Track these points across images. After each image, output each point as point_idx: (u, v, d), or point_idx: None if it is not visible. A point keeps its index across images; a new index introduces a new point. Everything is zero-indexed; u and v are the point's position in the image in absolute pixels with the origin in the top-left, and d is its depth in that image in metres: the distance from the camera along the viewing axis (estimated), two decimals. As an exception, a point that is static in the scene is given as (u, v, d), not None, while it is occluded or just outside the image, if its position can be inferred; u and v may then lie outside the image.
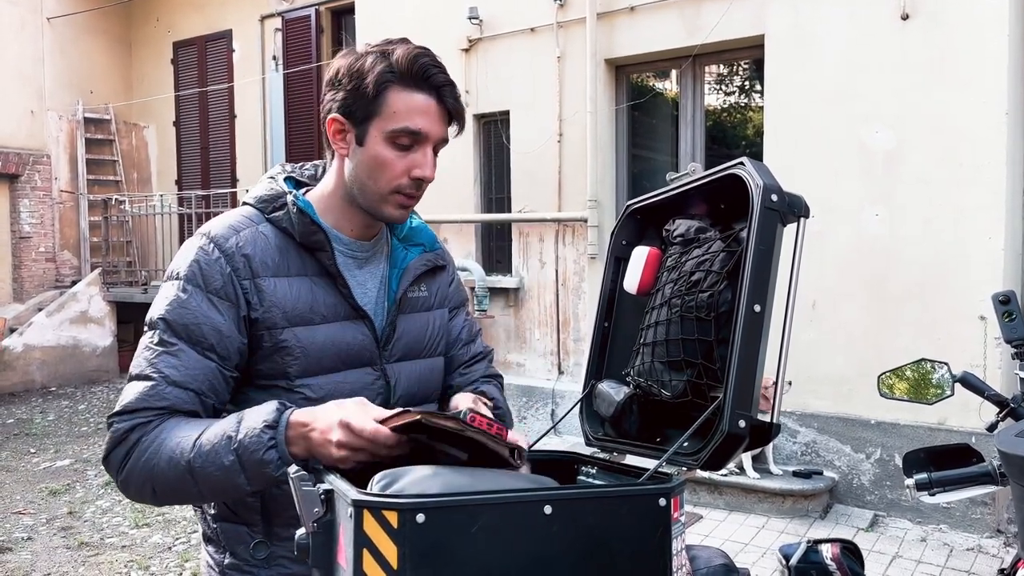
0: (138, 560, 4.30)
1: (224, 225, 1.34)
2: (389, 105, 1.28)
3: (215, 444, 1.17)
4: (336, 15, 9.04)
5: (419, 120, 1.28)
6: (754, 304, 1.10)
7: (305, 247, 1.35)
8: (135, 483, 1.23)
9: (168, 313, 1.28)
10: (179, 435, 1.20)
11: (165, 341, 1.27)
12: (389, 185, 1.32)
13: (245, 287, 1.30)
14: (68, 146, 10.21)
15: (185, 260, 1.31)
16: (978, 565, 4.06)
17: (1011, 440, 1.40)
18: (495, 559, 0.93)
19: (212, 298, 1.28)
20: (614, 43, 5.78)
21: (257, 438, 1.15)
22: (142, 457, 1.21)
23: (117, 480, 1.26)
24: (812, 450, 4.98)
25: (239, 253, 1.30)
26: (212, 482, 1.18)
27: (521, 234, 6.36)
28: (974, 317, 4.39)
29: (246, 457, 1.15)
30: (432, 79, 1.29)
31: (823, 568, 1.44)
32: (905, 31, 4.60)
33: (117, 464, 1.24)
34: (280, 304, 1.31)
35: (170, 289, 1.30)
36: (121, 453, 1.23)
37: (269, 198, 1.38)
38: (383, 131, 1.29)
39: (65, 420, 7.72)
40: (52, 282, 10.12)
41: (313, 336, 1.32)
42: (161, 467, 1.19)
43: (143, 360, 1.28)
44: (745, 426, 1.07)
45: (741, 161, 1.19)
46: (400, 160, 1.30)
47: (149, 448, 1.21)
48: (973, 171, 4.42)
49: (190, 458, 1.17)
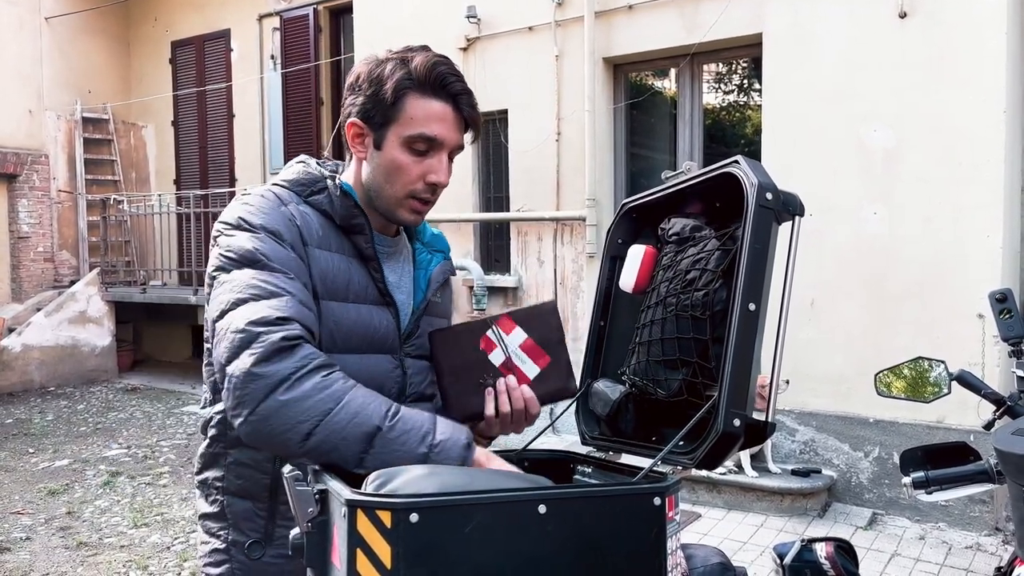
0: (137, 560, 4.30)
1: (271, 195, 1.35)
2: (407, 111, 1.31)
3: (410, 430, 1.14)
4: (334, 14, 9.03)
5: (436, 127, 1.32)
6: (749, 303, 1.10)
7: (344, 229, 1.37)
8: (296, 414, 1.10)
9: (267, 251, 1.25)
10: (368, 396, 1.16)
11: (276, 269, 1.24)
12: (405, 189, 1.35)
13: (301, 252, 1.31)
14: (66, 146, 10.20)
15: (253, 214, 1.30)
16: (976, 563, 4.06)
17: (1008, 438, 1.40)
18: (489, 559, 0.93)
19: (290, 250, 1.29)
20: (612, 42, 5.78)
21: (455, 449, 1.15)
22: (321, 392, 1.12)
23: (276, 397, 1.10)
24: (811, 448, 4.98)
25: (292, 220, 1.32)
26: (386, 456, 1.12)
27: (519, 233, 6.36)
28: (972, 315, 4.39)
29: (438, 457, 1.14)
30: (449, 87, 1.32)
31: (817, 567, 1.44)
32: (904, 30, 4.60)
33: (280, 378, 1.11)
34: (322, 275, 1.32)
35: (251, 235, 1.27)
36: (289, 367, 1.12)
37: (307, 181, 1.40)
38: (400, 136, 1.32)
39: (64, 420, 7.72)
40: (51, 282, 10.12)
41: (346, 312, 1.34)
42: (342, 416, 1.11)
43: (260, 282, 1.20)
44: (740, 425, 1.07)
45: (736, 159, 1.19)
46: (416, 165, 1.33)
47: (332, 388, 1.13)
48: (972, 170, 4.42)
49: (383, 425, 1.13)
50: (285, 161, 9.81)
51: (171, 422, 7.53)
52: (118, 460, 6.28)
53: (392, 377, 1.41)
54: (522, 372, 1.37)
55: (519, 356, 1.38)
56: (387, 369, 1.41)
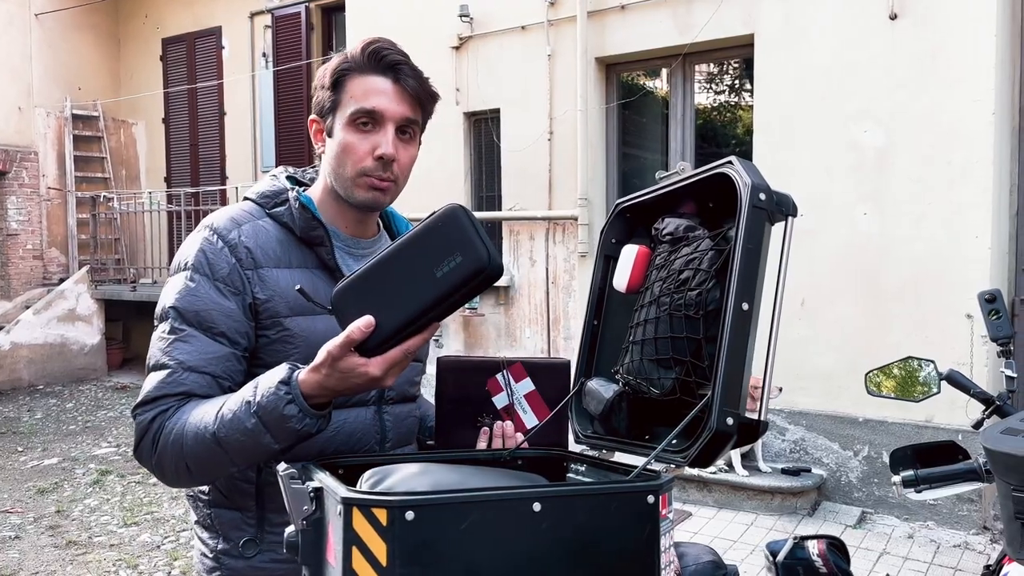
0: (126, 559, 4.29)
1: (226, 218, 1.39)
2: (348, 92, 1.35)
3: (236, 411, 1.19)
4: (326, 12, 9.01)
5: (374, 99, 1.34)
6: (742, 302, 1.10)
7: (305, 242, 1.40)
8: (169, 466, 1.26)
9: (177, 302, 1.31)
10: (200, 412, 1.24)
11: (176, 328, 1.31)
12: (355, 168, 1.36)
13: (249, 277, 1.34)
14: (56, 143, 10.14)
15: (191, 251, 1.36)
16: (964, 561, 4.09)
17: (996, 437, 1.41)
18: (484, 556, 0.93)
19: (219, 285, 1.32)
20: (605, 41, 5.79)
21: (274, 395, 1.16)
22: (169, 439, 1.24)
23: (152, 467, 1.29)
24: (801, 447, 5.01)
25: (242, 245, 1.35)
26: (239, 447, 1.19)
27: (512, 232, 6.36)
28: (961, 315, 4.42)
29: (267, 416, 1.16)
30: (384, 60, 1.34)
31: (810, 564, 1.45)
32: (895, 31, 4.62)
33: (147, 453, 1.27)
34: (282, 294, 1.35)
35: (178, 280, 1.34)
36: (148, 441, 1.27)
37: (271, 194, 1.43)
38: (345, 117, 1.35)
39: (53, 418, 7.68)
40: (40, 280, 10.06)
41: (314, 326, 1.35)
42: (189, 444, 1.22)
43: (157, 350, 1.31)
44: (733, 423, 1.08)
45: (730, 160, 1.20)
46: (362, 142, 1.35)
47: (174, 430, 1.24)
48: (962, 170, 4.45)
49: (214, 430, 1.20)
50: (277, 159, 9.78)
51: (161, 421, 7.50)
52: (108, 459, 6.25)
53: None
54: (521, 421, 1.40)
55: (522, 405, 1.40)
56: None
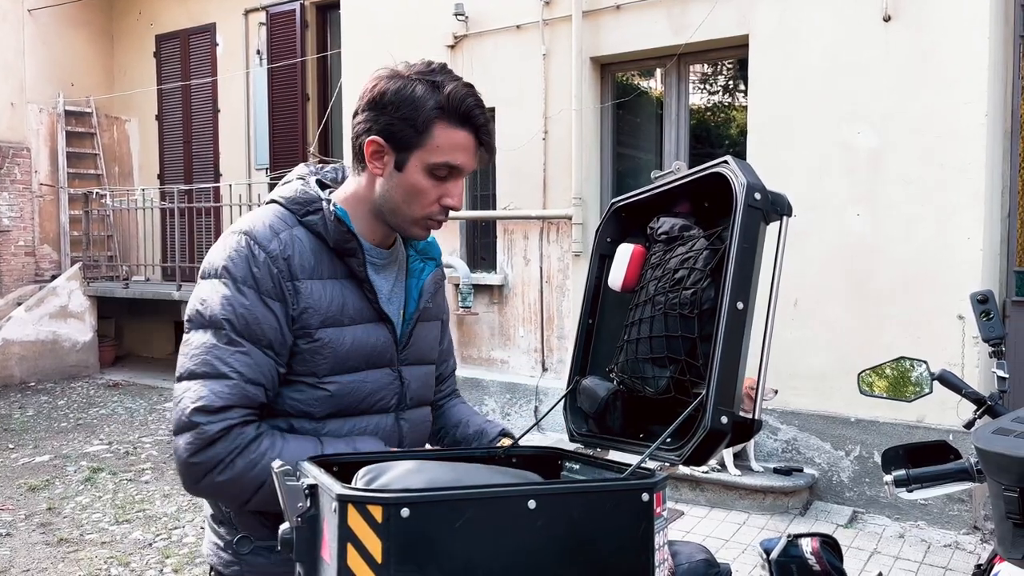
0: (118, 556, 4.27)
1: (264, 225, 1.38)
2: (434, 139, 1.33)
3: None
4: (321, 10, 8.99)
5: (460, 156, 1.36)
6: (737, 301, 1.11)
7: (337, 252, 1.41)
8: (237, 486, 1.27)
9: (231, 313, 1.32)
10: (295, 454, 1.24)
11: (234, 340, 1.31)
12: (422, 211, 1.40)
13: (287, 288, 1.35)
14: (48, 139, 10.10)
15: (234, 261, 1.34)
16: (955, 561, 4.11)
17: (988, 437, 1.42)
18: (479, 553, 0.93)
19: (265, 299, 1.33)
20: (600, 41, 5.79)
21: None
22: (253, 469, 1.27)
23: (211, 479, 1.27)
24: (793, 447, 5.02)
25: (281, 256, 1.35)
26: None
27: (506, 231, 6.36)
28: (953, 316, 4.44)
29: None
30: (475, 119, 1.35)
31: (803, 562, 1.45)
32: (888, 32, 4.64)
33: (214, 463, 1.26)
34: (315, 306, 1.36)
35: (224, 288, 1.33)
36: (222, 453, 1.26)
37: (303, 201, 1.42)
38: (425, 162, 1.35)
39: (44, 416, 7.65)
40: (32, 276, 10.01)
41: (342, 337, 1.38)
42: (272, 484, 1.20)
43: (212, 359, 1.30)
44: (727, 422, 1.08)
45: (725, 159, 1.20)
46: (435, 190, 1.38)
47: (261, 463, 1.27)
48: (954, 172, 4.47)
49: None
50: (271, 157, 9.76)
51: (153, 418, 7.48)
52: (100, 456, 6.23)
53: (391, 389, 1.46)
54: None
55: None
56: (386, 382, 1.45)
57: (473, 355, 6.58)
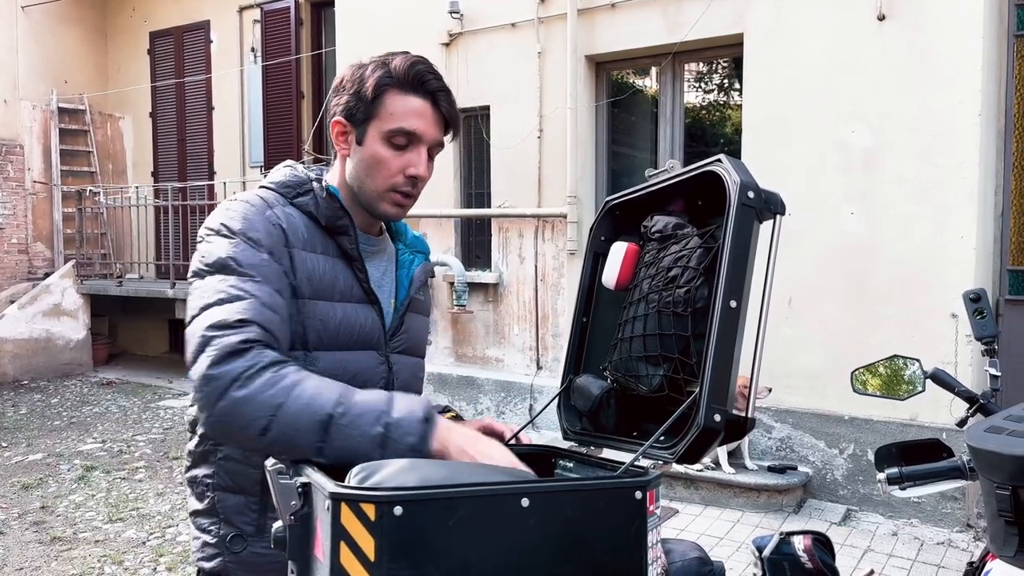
0: (112, 555, 4.26)
1: (255, 197, 1.40)
2: (386, 107, 1.37)
3: (363, 411, 1.14)
4: (316, 7, 8.97)
5: (414, 121, 1.37)
6: (730, 300, 1.11)
7: (329, 230, 1.42)
8: (250, 411, 1.13)
9: (238, 255, 1.28)
10: (319, 385, 1.17)
11: (243, 274, 1.26)
12: (386, 183, 1.40)
13: (284, 253, 1.35)
14: (42, 136, 10.06)
15: (233, 219, 1.33)
16: (948, 559, 4.13)
17: (980, 435, 1.43)
18: (472, 551, 0.93)
19: (265, 252, 1.32)
20: (595, 39, 5.79)
21: (413, 425, 1.14)
22: (272, 388, 1.14)
23: (231, 394, 1.14)
24: (787, 445, 5.03)
25: (277, 223, 1.36)
26: (344, 443, 1.12)
27: (501, 229, 6.36)
28: (947, 314, 4.45)
29: (394, 435, 1.13)
30: (427, 84, 1.38)
31: (795, 559, 1.46)
32: (883, 31, 4.65)
33: (234, 375, 1.14)
34: (309, 276, 1.37)
35: (226, 240, 1.31)
36: (241, 366, 1.15)
37: (293, 184, 1.44)
38: (380, 131, 1.38)
39: (38, 414, 7.62)
40: (25, 274, 9.97)
41: (333, 311, 1.39)
42: (293, 408, 1.13)
43: (225, 287, 1.24)
44: (720, 420, 1.09)
45: (719, 158, 1.20)
46: (396, 159, 1.38)
47: (282, 383, 1.15)
48: (948, 171, 4.48)
49: (333, 412, 1.13)
50: (265, 154, 9.74)
51: (147, 416, 7.46)
52: (93, 454, 6.21)
53: (378, 373, 1.45)
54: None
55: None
56: (373, 365, 1.45)
57: (468, 353, 6.57)
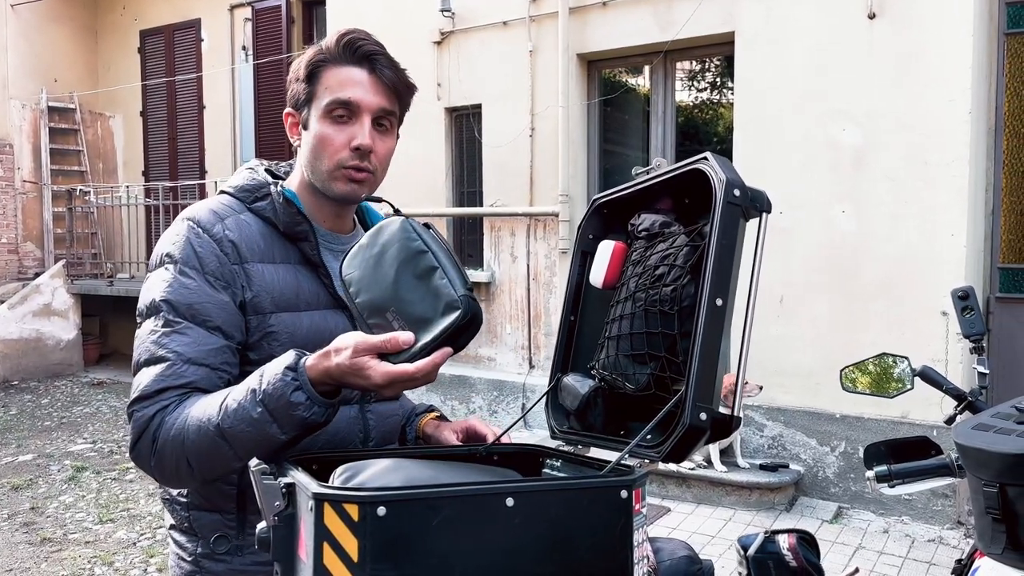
0: (102, 556, 4.24)
1: (207, 211, 1.36)
2: (323, 83, 1.34)
3: (240, 401, 1.15)
4: (307, 6, 8.95)
5: (350, 91, 1.33)
6: (716, 298, 1.10)
7: (288, 236, 1.38)
8: (169, 464, 1.20)
9: (169, 295, 1.27)
10: (203, 404, 1.19)
11: (171, 321, 1.26)
12: (333, 160, 1.35)
13: (235, 271, 1.31)
14: (31, 135, 10.00)
15: (175, 244, 1.32)
16: (939, 556, 4.14)
17: (968, 433, 1.43)
18: (457, 552, 0.93)
19: (210, 279, 1.29)
20: (586, 38, 5.79)
21: (280, 381, 1.13)
22: (170, 434, 1.19)
23: (150, 467, 1.23)
24: (779, 443, 5.04)
25: (227, 239, 1.32)
26: (245, 439, 1.15)
27: (492, 228, 6.36)
28: (937, 312, 4.47)
29: (273, 404, 1.13)
30: (359, 51, 1.34)
31: (780, 558, 1.46)
32: (873, 30, 4.66)
33: (146, 451, 1.21)
34: (268, 289, 1.33)
35: (165, 273, 1.30)
36: (148, 439, 1.21)
37: (251, 188, 1.41)
38: (320, 109, 1.35)
39: (28, 414, 7.58)
40: (15, 274, 9.92)
41: (299, 322, 1.35)
42: (191, 439, 1.17)
43: (151, 344, 1.26)
44: (706, 418, 1.08)
45: (705, 156, 1.20)
46: (339, 134, 1.34)
47: (175, 424, 1.19)
48: (938, 169, 4.50)
49: (218, 421, 1.15)
50: (256, 154, 9.72)
51: (138, 417, 7.42)
52: (83, 455, 6.18)
53: None
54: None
55: None
56: None
57: (460, 352, 6.56)
